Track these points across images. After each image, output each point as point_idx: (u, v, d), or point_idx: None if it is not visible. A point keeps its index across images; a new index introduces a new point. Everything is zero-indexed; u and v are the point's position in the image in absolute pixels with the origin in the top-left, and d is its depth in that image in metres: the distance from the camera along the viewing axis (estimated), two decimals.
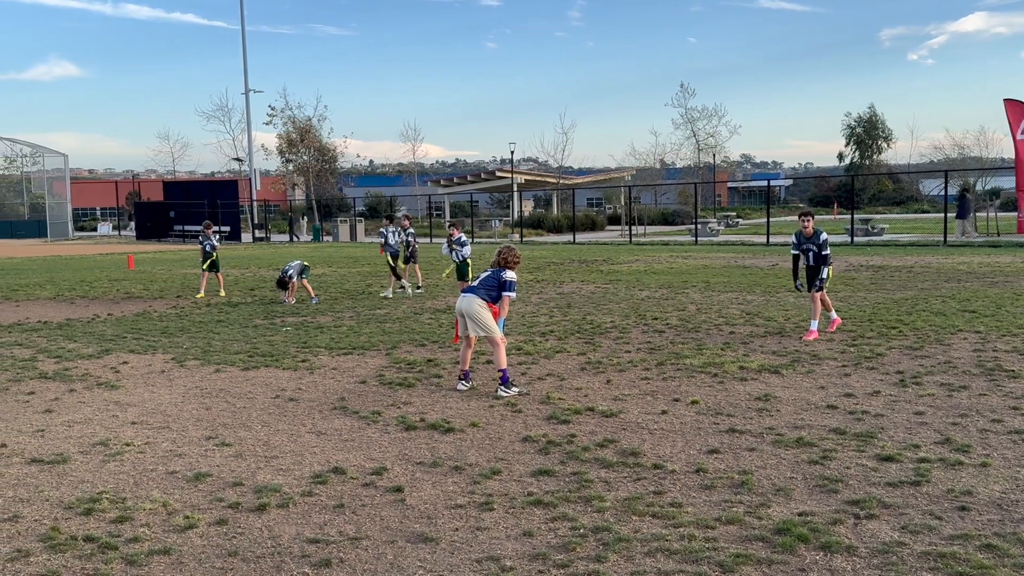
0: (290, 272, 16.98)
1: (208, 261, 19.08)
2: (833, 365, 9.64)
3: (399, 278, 18.64)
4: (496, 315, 8.79)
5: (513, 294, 8.90)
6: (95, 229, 72.75)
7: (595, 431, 7.20)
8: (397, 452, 6.74)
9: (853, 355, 10.15)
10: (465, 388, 8.85)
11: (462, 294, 8.92)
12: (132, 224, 61.90)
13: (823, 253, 11.78)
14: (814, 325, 11.61)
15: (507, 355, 10.56)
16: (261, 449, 6.91)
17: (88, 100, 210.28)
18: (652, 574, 4.44)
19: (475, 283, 8.94)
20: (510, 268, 8.90)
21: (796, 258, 12.16)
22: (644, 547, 4.78)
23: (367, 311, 15.52)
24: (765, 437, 6.89)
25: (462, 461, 6.47)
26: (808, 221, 12.01)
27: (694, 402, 8.09)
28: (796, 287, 12.34)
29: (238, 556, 4.81)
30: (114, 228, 69.70)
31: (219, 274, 19.44)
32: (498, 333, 8.74)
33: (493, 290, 8.79)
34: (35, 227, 62.26)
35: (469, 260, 17.10)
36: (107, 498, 5.76)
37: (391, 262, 18.83)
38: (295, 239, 52.51)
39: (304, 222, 60.15)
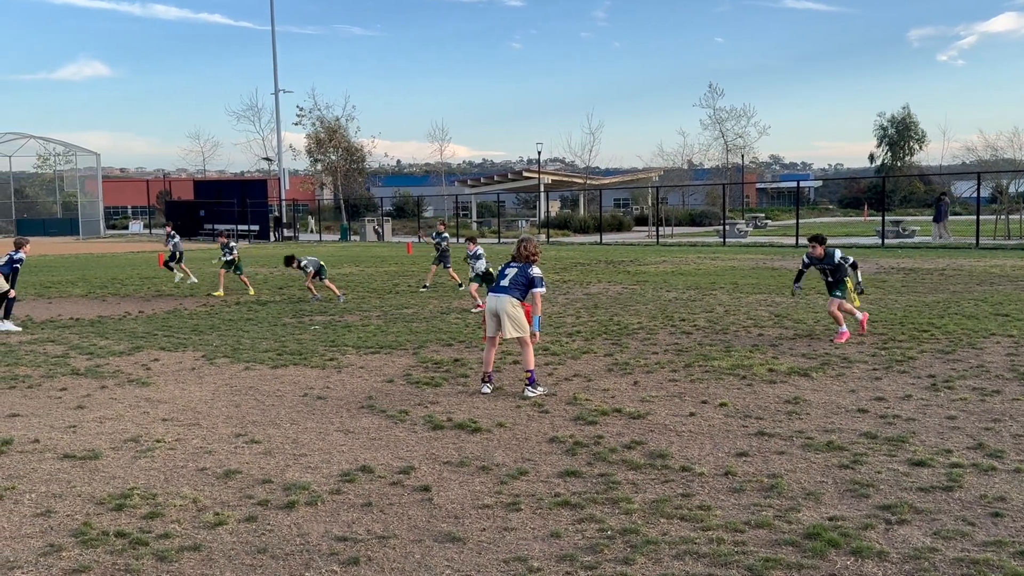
0: (304, 262, 17.06)
1: (231, 266, 19.74)
2: (864, 368, 9.54)
3: (459, 283, 18.97)
4: (528, 313, 8.75)
5: (544, 289, 8.87)
6: (126, 227, 73.52)
7: (622, 432, 7.18)
8: (424, 451, 6.76)
9: (884, 358, 10.04)
10: (489, 391, 8.79)
11: (492, 294, 8.85)
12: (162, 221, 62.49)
13: (840, 272, 11.48)
14: (843, 327, 11.39)
15: (534, 355, 10.56)
16: (290, 447, 6.95)
17: (119, 100, 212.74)
18: None
19: (504, 282, 8.78)
20: (534, 262, 8.83)
21: (805, 267, 11.96)
22: (672, 550, 4.75)
23: (394, 310, 15.58)
24: (795, 441, 6.84)
25: (489, 461, 6.47)
26: (815, 248, 11.55)
27: (722, 404, 8.04)
28: (794, 290, 12.54)
29: (267, 553, 4.84)
30: (145, 226, 70.41)
31: (243, 276, 19.81)
32: (530, 333, 8.71)
33: (523, 288, 8.73)
34: (67, 225, 62.98)
35: (490, 270, 17.05)
36: (138, 494, 5.81)
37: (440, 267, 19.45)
38: (277, 236, 51.66)
39: (311, 221, 60.15)
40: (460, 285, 19.03)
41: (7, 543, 5.04)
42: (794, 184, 74.14)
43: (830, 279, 11.57)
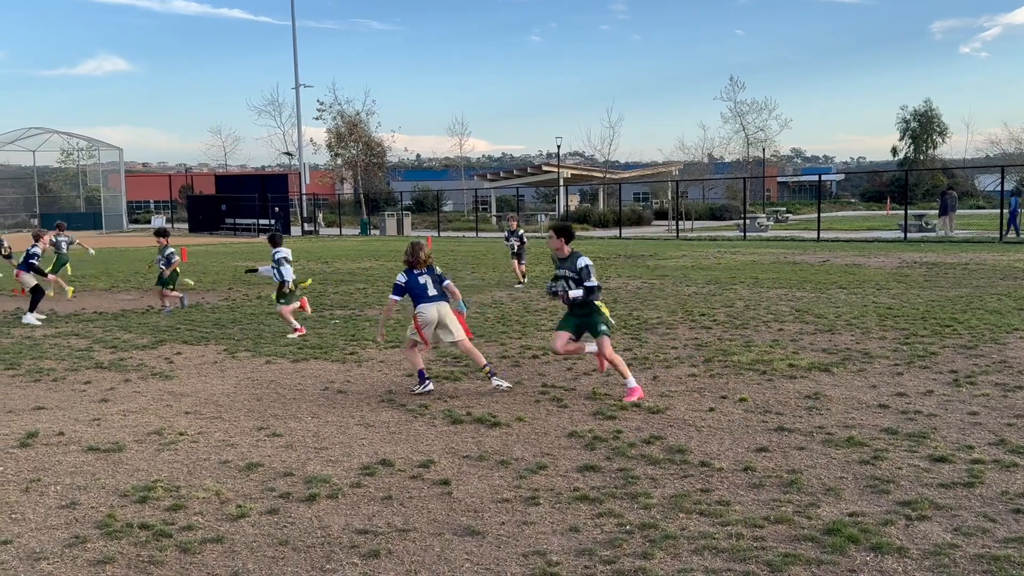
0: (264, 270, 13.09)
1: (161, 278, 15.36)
2: (885, 364, 9.49)
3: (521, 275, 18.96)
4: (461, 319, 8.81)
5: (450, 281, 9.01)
6: (149, 222, 74.07)
7: (641, 427, 7.19)
8: (444, 445, 6.79)
9: (906, 354, 9.98)
10: (432, 387, 8.65)
11: (429, 303, 8.55)
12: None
13: (587, 285, 8.11)
14: (631, 381, 8.22)
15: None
16: (311, 440, 7.00)
17: (140, 95, 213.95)
18: (699, 572, 4.43)
19: (431, 291, 8.60)
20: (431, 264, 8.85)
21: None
22: (691, 545, 4.76)
23: None
24: (815, 436, 6.82)
25: (508, 455, 6.49)
26: (555, 240, 8.32)
27: (742, 400, 8.02)
28: (549, 289, 8.51)
29: (289, 545, 4.89)
30: (167, 221, 70.91)
31: (165, 289, 15.31)
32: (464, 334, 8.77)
33: (441, 289, 8.73)
34: (90, 219, 63.48)
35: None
36: (161, 486, 5.88)
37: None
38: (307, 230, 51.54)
39: (320, 216, 60.06)
40: (520, 282, 18.78)
41: (33, 534, 5.11)
42: (816, 178, 73.71)
43: (573, 296, 8.16)
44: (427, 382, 8.66)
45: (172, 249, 15.32)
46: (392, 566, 4.61)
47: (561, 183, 62.79)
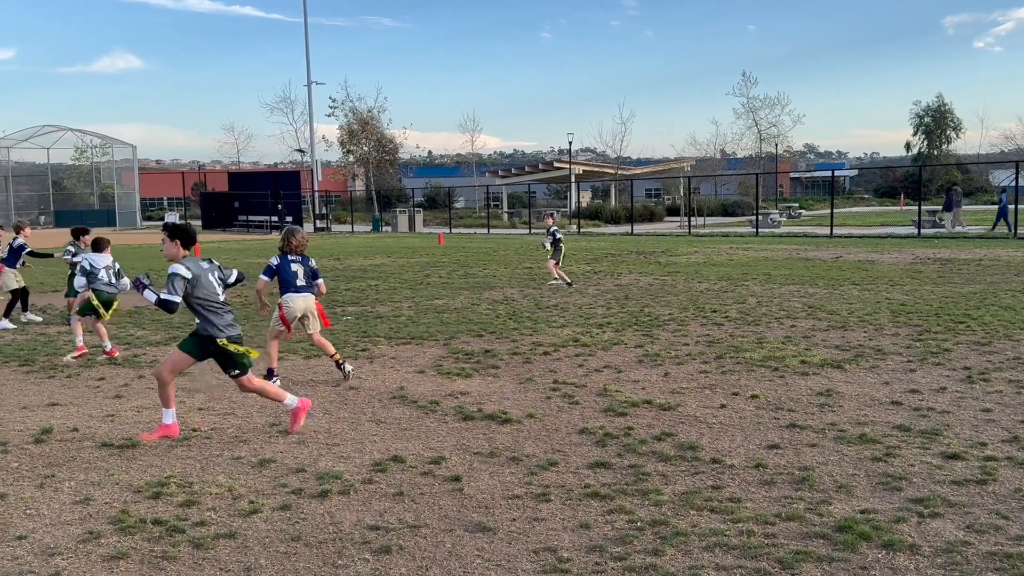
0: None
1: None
2: (898, 360, 9.45)
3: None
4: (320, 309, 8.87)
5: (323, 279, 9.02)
6: (162, 219, 74.41)
7: (652, 424, 7.18)
8: (455, 442, 6.81)
9: (919, 350, 9.94)
10: (278, 383, 8.53)
11: (295, 294, 8.59)
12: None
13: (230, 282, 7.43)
14: (168, 417, 6.93)
15: (565, 346, 10.59)
16: (323, 436, 7.03)
17: (153, 92, 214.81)
18: (710, 569, 4.43)
19: (300, 281, 8.61)
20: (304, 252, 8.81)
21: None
22: (702, 542, 4.76)
23: (425, 301, 15.65)
24: (827, 433, 6.80)
25: (519, 452, 6.50)
26: (167, 243, 6.87)
27: (754, 396, 8.01)
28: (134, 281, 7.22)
29: (301, 541, 4.91)
30: (181, 218, 71.20)
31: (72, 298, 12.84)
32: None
33: (311, 281, 8.74)
34: (104, 216, 63.85)
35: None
36: (175, 482, 5.92)
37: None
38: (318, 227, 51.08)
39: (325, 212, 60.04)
40: (556, 280, 17.87)
41: (47, 530, 5.15)
42: (829, 173, 73.38)
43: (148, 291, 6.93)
44: (275, 380, 8.63)
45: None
46: (403, 562, 4.62)
47: (573, 179, 62.76)
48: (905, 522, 4.96)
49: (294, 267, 8.66)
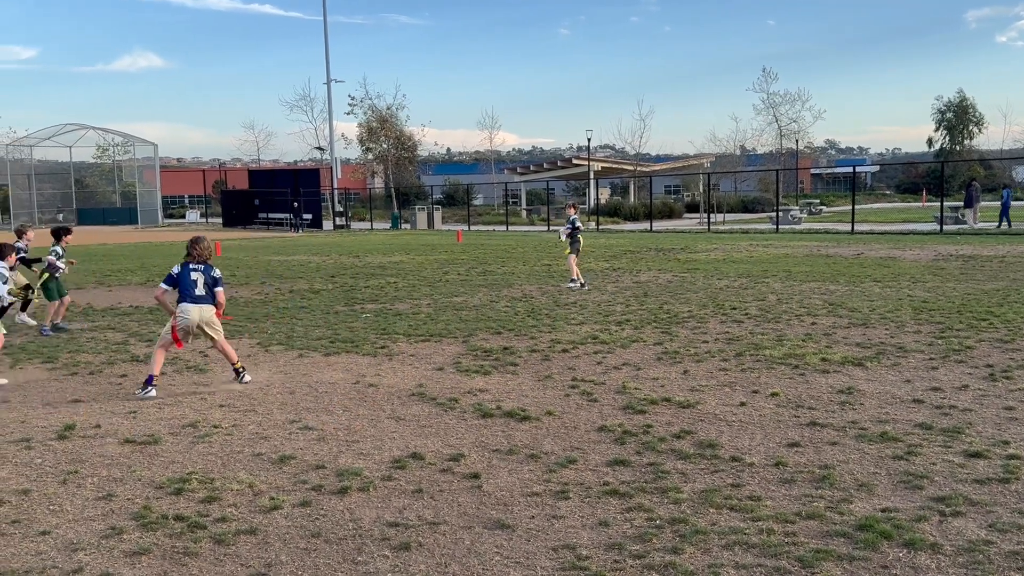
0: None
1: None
2: (920, 358, 9.38)
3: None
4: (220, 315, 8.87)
5: (223, 288, 8.99)
6: (183, 216, 74.89)
7: (671, 422, 7.17)
8: (474, 439, 6.82)
9: (941, 348, 9.86)
10: (155, 394, 8.41)
11: (192, 304, 8.58)
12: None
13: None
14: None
15: (583, 344, 10.58)
16: (342, 433, 7.06)
17: (174, 91, 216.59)
18: (730, 567, 4.42)
19: (199, 290, 8.61)
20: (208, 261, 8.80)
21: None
22: (722, 540, 4.75)
23: (444, 298, 15.68)
24: (848, 431, 6.76)
25: (538, 449, 6.50)
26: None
27: (774, 394, 7.97)
28: None
29: (321, 537, 4.94)
30: (202, 215, 71.62)
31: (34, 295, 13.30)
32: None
33: (212, 290, 8.72)
34: (126, 214, 64.35)
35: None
36: (196, 479, 5.96)
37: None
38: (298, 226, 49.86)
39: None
40: (574, 282, 16.98)
41: (70, 526, 5.21)
42: (850, 169, 72.84)
43: None
44: (151, 389, 8.46)
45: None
46: (422, 559, 4.64)
47: (591, 176, 62.62)
48: (926, 521, 4.92)
49: (194, 276, 8.64)
